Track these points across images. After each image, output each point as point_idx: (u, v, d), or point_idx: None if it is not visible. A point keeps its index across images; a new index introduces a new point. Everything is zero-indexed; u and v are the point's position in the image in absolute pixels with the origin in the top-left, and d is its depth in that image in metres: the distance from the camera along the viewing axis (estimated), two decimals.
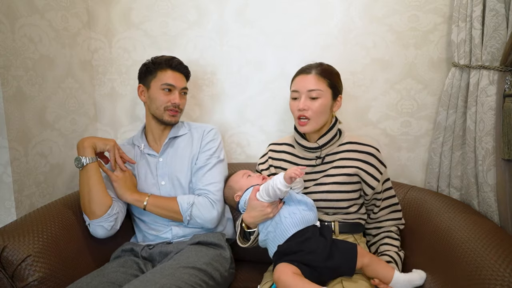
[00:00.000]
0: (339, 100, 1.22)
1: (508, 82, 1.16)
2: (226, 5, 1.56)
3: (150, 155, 1.37)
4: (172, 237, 1.29)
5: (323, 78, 1.17)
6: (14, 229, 1.09)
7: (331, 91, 1.18)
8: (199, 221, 1.25)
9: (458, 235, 1.03)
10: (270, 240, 1.11)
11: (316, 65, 1.21)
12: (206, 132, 1.38)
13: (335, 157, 1.20)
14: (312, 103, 1.16)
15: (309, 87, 1.16)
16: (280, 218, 1.09)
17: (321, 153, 1.22)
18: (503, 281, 0.81)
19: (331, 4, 1.49)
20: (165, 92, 1.31)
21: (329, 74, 1.19)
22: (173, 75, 1.32)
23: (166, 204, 1.26)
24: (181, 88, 1.34)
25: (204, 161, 1.33)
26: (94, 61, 1.68)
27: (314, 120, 1.17)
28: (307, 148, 1.23)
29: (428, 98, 1.48)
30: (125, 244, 1.29)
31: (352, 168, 1.17)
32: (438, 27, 1.42)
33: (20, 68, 1.28)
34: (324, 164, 1.21)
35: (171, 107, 1.31)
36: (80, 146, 1.20)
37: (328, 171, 1.19)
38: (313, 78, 1.17)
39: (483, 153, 1.20)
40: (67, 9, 1.51)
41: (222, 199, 1.31)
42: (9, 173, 1.25)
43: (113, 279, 1.09)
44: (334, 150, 1.21)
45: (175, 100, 1.31)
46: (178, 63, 1.34)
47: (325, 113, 1.18)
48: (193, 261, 1.11)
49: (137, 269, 1.19)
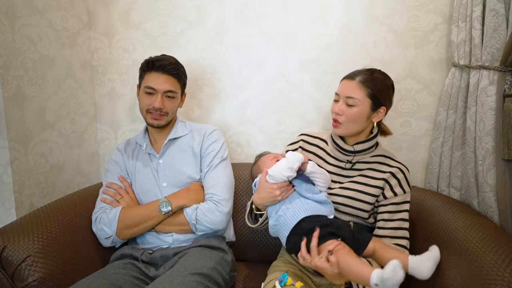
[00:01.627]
0: (381, 112, 1.15)
1: (508, 82, 1.16)
2: (226, 5, 1.56)
3: (151, 155, 1.36)
4: (173, 242, 1.28)
5: (365, 87, 1.12)
6: (14, 229, 1.09)
7: (370, 101, 1.13)
8: (206, 224, 1.24)
9: (458, 235, 1.03)
10: (280, 226, 1.09)
11: (364, 71, 1.16)
12: (208, 134, 1.36)
13: (366, 166, 1.19)
14: (348, 110, 1.14)
15: (347, 93, 1.14)
16: (290, 202, 1.09)
17: (353, 159, 1.20)
18: (503, 281, 0.81)
19: (331, 4, 1.49)
20: (148, 95, 1.28)
21: (373, 84, 1.12)
22: (155, 78, 1.27)
23: (172, 220, 1.26)
24: (164, 91, 1.27)
25: (208, 163, 1.32)
26: (94, 61, 1.68)
27: (345, 126, 1.15)
28: (341, 150, 1.21)
29: (428, 98, 1.48)
30: (124, 248, 1.28)
31: (379, 181, 1.15)
32: (438, 27, 1.42)
33: (20, 68, 1.28)
34: (353, 170, 1.20)
35: (152, 110, 1.27)
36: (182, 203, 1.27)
37: (356, 178, 1.18)
38: (355, 85, 1.13)
39: (483, 153, 1.20)
40: (67, 9, 1.51)
41: (228, 197, 1.29)
42: (9, 173, 1.25)
43: (114, 280, 1.09)
44: (366, 159, 1.20)
45: (155, 103, 1.26)
46: (161, 65, 1.27)
47: (358, 122, 1.14)
48: (199, 266, 1.11)
49: (139, 272, 1.19)
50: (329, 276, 0.95)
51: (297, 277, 1.11)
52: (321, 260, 0.94)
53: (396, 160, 1.18)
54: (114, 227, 1.23)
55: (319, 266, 0.94)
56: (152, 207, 1.26)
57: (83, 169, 1.64)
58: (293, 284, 1.04)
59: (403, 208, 1.14)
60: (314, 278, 1.15)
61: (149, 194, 1.32)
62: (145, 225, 1.25)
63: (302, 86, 1.56)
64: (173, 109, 1.32)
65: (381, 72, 1.17)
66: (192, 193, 1.29)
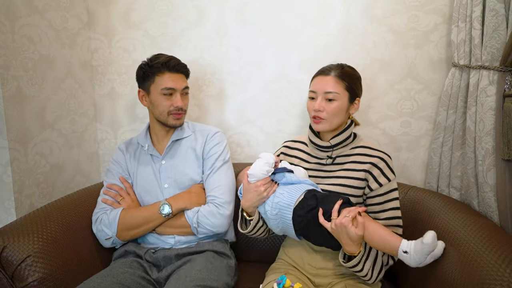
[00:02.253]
0: (356, 103, 1.20)
1: (508, 82, 1.16)
2: (226, 5, 1.56)
3: (153, 156, 1.35)
4: (175, 243, 1.28)
5: (341, 80, 1.15)
6: (14, 229, 1.09)
7: (348, 94, 1.16)
8: (208, 227, 1.24)
9: (458, 235, 1.03)
10: (282, 210, 1.09)
11: (336, 66, 1.19)
12: (210, 136, 1.36)
13: (346, 159, 1.19)
14: (328, 105, 1.15)
15: (326, 89, 1.15)
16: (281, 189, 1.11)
17: (332, 154, 1.21)
18: (503, 281, 0.81)
19: (331, 4, 1.49)
20: (167, 97, 1.26)
21: (348, 77, 1.16)
22: (172, 77, 1.26)
23: (173, 223, 1.26)
24: (182, 88, 1.29)
25: (210, 166, 1.31)
26: (94, 61, 1.68)
27: (328, 121, 1.16)
28: (318, 147, 1.21)
29: (428, 98, 1.48)
30: (128, 245, 1.28)
31: (361, 172, 1.15)
32: (438, 27, 1.42)
33: (20, 68, 1.28)
34: (334, 165, 1.20)
35: (174, 111, 1.27)
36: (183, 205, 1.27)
37: (337, 172, 1.18)
38: (331, 80, 1.15)
39: (483, 153, 1.20)
40: (67, 9, 1.51)
41: (229, 200, 1.29)
42: (9, 173, 1.25)
43: (123, 280, 1.09)
44: (345, 152, 1.20)
45: (178, 103, 1.26)
46: (175, 64, 1.27)
47: (340, 115, 1.16)
48: (205, 277, 1.10)
49: (144, 271, 1.20)
50: (346, 239, 0.98)
51: (295, 279, 1.11)
52: (347, 218, 0.97)
53: (376, 149, 1.17)
54: (114, 228, 1.23)
55: (344, 223, 0.96)
56: (152, 209, 1.25)
57: (83, 169, 1.64)
58: (291, 285, 1.04)
59: (391, 197, 1.13)
60: (313, 278, 1.15)
61: (150, 195, 1.31)
62: (146, 227, 1.25)
63: (302, 86, 1.56)
64: (187, 106, 1.35)
65: (349, 66, 1.21)
66: (193, 195, 1.28)
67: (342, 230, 0.98)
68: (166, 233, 1.28)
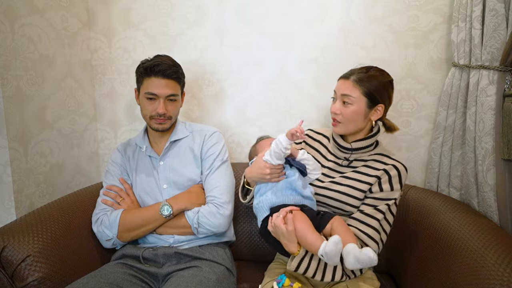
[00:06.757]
0: (379, 110, 1.14)
1: (508, 82, 1.16)
2: (226, 5, 1.56)
3: (152, 157, 1.35)
4: (174, 242, 1.28)
5: (359, 85, 1.11)
6: (14, 229, 1.09)
7: (366, 99, 1.11)
8: (208, 227, 1.24)
9: (458, 235, 1.03)
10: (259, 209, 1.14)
11: (359, 70, 1.15)
12: (208, 136, 1.35)
13: (361, 163, 1.17)
14: (344, 109, 1.14)
15: (343, 91, 1.14)
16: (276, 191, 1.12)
17: (351, 156, 1.19)
18: (503, 281, 0.81)
19: (331, 4, 1.49)
20: (150, 101, 1.25)
21: (369, 81, 1.11)
22: (156, 83, 1.24)
23: (174, 223, 1.26)
24: (166, 95, 1.25)
25: (209, 166, 1.31)
26: (94, 61, 1.68)
27: (344, 125, 1.15)
28: (339, 147, 1.20)
29: (428, 98, 1.48)
30: (126, 248, 1.28)
31: (372, 178, 1.13)
32: (438, 27, 1.43)
33: (19, 68, 1.28)
34: (349, 167, 1.19)
35: (156, 116, 1.26)
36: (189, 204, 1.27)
37: (348, 173, 1.17)
38: (349, 84, 1.13)
39: (483, 153, 1.20)
40: (67, 9, 1.51)
41: (229, 200, 1.29)
42: (9, 173, 1.25)
43: (111, 279, 1.09)
44: (363, 157, 1.18)
45: (159, 109, 1.24)
46: (161, 70, 1.23)
47: (356, 121, 1.14)
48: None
49: (136, 270, 1.20)
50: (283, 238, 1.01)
51: (294, 278, 1.11)
52: (279, 218, 1.00)
53: (393, 158, 1.15)
54: (115, 229, 1.23)
55: (276, 223, 1.01)
56: (153, 210, 1.25)
57: (83, 169, 1.64)
58: (290, 285, 1.04)
59: (384, 202, 1.10)
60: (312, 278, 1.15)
61: (150, 195, 1.31)
62: (146, 228, 1.25)
63: (302, 86, 1.56)
64: (175, 112, 1.32)
65: (378, 69, 1.15)
66: (193, 195, 1.28)
67: (278, 230, 1.01)
68: (166, 233, 1.28)
